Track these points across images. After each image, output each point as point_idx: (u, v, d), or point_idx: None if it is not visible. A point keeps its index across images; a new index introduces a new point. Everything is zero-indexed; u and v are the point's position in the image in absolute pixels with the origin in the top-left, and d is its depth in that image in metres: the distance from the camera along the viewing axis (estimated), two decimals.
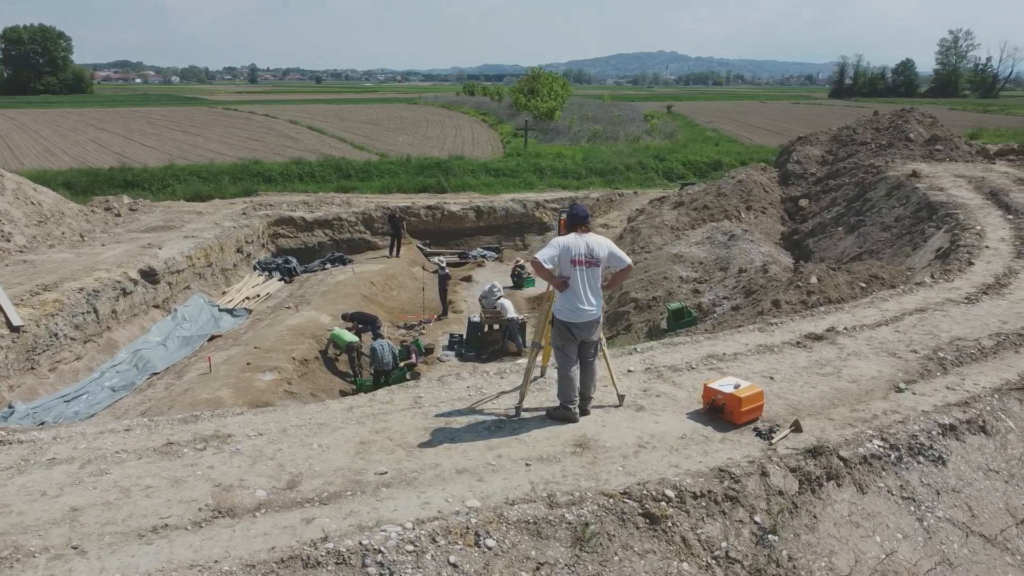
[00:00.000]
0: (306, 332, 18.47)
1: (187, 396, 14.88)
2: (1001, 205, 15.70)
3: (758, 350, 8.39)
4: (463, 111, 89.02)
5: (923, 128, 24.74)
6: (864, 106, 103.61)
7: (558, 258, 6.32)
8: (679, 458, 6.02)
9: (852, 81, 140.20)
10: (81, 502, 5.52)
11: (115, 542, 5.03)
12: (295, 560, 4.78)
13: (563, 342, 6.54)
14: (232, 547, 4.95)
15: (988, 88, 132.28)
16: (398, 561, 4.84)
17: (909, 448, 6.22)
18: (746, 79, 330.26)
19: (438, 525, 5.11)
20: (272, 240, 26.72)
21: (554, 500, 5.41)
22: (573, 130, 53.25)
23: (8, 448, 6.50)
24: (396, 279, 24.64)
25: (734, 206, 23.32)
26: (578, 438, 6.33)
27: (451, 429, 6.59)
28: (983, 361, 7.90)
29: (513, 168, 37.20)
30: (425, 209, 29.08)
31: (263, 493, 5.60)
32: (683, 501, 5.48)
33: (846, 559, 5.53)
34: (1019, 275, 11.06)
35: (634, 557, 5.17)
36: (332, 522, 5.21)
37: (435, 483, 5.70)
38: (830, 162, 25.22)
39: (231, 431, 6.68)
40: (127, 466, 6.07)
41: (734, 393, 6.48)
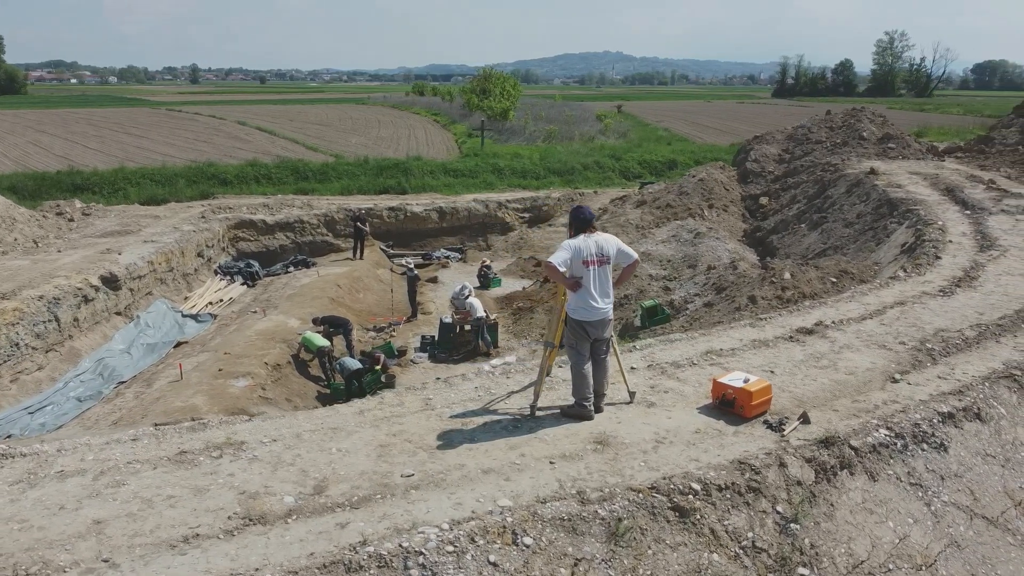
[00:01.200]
0: (276, 336, 18.22)
1: (160, 404, 14.56)
2: (958, 201, 16.32)
3: (753, 345, 8.59)
4: (414, 111, 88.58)
5: (875, 127, 25.54)
6: (806, 105, 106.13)
7: (570, 260, 6.40)
8: (697, 452, 6.15)
9: (794, 81, 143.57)
10: (103, 514, 5.40)
11: (146, 554, 4.94)
12: (337, 565, 4.76)
13: (577, 340, 6.62)
14: (269, 554, 4.90)
15: (922, 88, 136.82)
16: (439, 562, 4.85)
17: (913, 436, 6.46)
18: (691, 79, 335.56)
19: (475, 525, 5.14)
20: (232, 244, 26.24)
21: (585, 497, 5.48)
22: (528, 130, 53.46)
23: (12, 462, 6.31)
24: (362, 281, 24.44)
25: (696, 204, 23.74)
26: (597, 435, 6.42)
27: (468, 430, 6.61)
28: (968, 351, 8.23)
29: (472, 168, 37.21)
30: (388, 210, 28.92)
31: (291, 499, 5.55)
32: (709, 494, 5.60)
33: (863, 545, 5.72)
34: (986, 268, 11.53)
35: (667, 550, 5.28)
36: (367, 526, 5.20)
37: (463, 484, 5.73)
38: (787, 160, 25.85)
39: (243, 438, 6.59)
40: (143, 476, 5.95)
41: (744, 387, 6.64)
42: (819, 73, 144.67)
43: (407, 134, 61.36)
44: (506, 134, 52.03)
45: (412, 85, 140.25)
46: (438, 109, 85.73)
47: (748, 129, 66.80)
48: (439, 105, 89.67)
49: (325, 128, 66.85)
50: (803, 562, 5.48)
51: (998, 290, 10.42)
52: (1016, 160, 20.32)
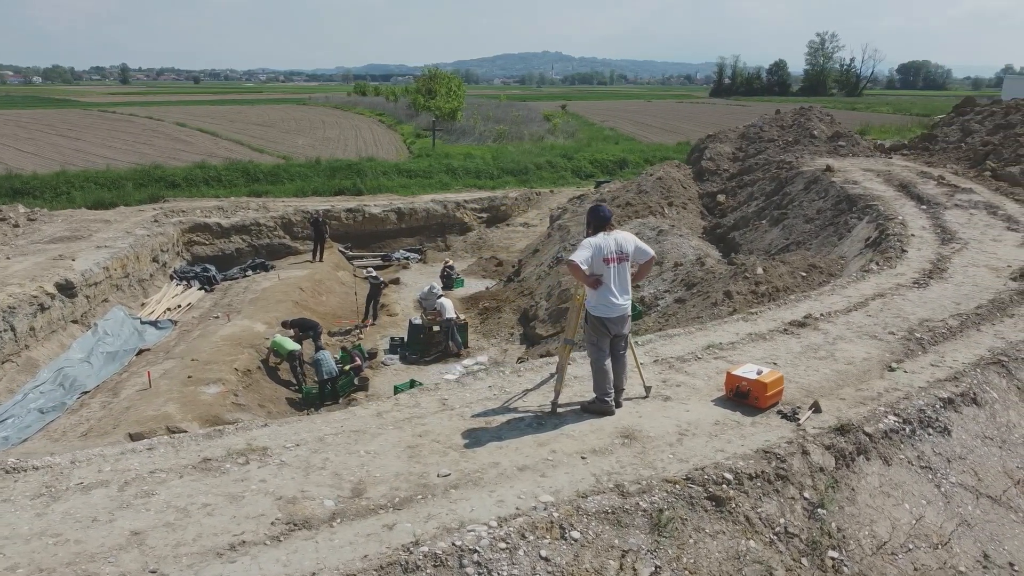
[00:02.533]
0: (243, 342, 17.89)
1: (131, 414, 14.19)
2: (913, 196, 16.98)
3: (751, 339, 8.84)
4: (358, 112, 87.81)
5: (824, 125, 26.36)
6: (743, 104, 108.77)
7: (591, 258, 6.50)
8: (721, 443, 6.32)
9: (731, 81, 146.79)
10: (140, 525, 5.28)
11: (195, 563, 4.86)
12: (393, 566, 4.76)
13: (597, 337, 6.74)
14: (322, 558, 4.88)
15: (852, 87, 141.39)
16: (494, 559, 4.90)
17: (919, 421, 6.76)
18: (629, 79, 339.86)
19: (523, 521, 5.19)
20: (187, 248, 25.67)
21: (624, 490, 5.59)
22: (478, 130, 53.47)
23: (25, 475, 6.10)
24: (324, 284, 24.16)
25: (656, 202, 24.11)
26: (622, 429, 6.54)
27: (493, 428, 6.66)
28: (954, 339, 8.62)
29: (426, 169, 37.08)
30: (346, 212, 28.64)
31: (331, 503, 5.52)
32: (741, 483, 5.77)
33: (884, 526, 5.97)
34: (952, 260, 12.05)
35: (707, 538, 5.42)
36: (414, 526, 5.20)
37: (501, 481, 5.78)
38: (741, 159, 26.47)
39: (264, 443, 6.51)
40: (171, 486, 5.83)
41: (759, 379, 6.84)
42: (755, 73, 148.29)
43: (354, 135, 60.80)
44: (455, 134, 51.97)
45: (353, 85, 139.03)
46: (383, 109, 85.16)
47: (691, 128, 68.15)
48: (383, 105, 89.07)
49: (269, 129, 65.75)
50: (832, 545, 5.69)
51: (968, 281, 10.91)
52: (960, 157, 21.24)
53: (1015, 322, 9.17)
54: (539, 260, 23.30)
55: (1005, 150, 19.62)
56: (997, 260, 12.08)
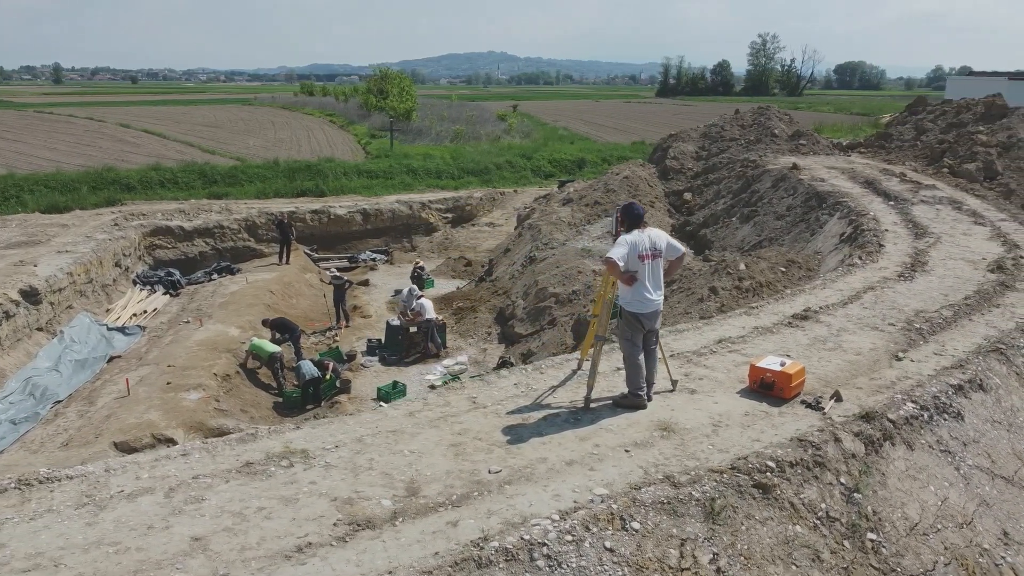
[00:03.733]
0: (219, 346, 17.58)
1: (113, 423, 13.84)
2: (879, 193, 17.57)
3: (758, 332, 9.09)
4: (307, 112, 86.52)
5: (784, 124, 27.05)
6: (689, 104, 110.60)
7: (627, 255, 6.63)
8: (755, 432, 6.52)
9: (676, 81, 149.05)
10: (199, 531, 5.22)
11: (264, 566, 4.83)
12: (467, 562, 4.82)
13: (632, 332, 6.87)
14: (393, 557, 4.90)
15: (794, 87, 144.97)
16: (562, 552, 4.99)
17: (935, 407, 7.06)
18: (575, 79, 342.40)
19: (584, 514, 5.30)
20: (149, 252, 25.05)
21: (675, 480, 5.73)
22: (435, 130, 53.31)
23: (61, 485, 5.96)
24: (293, 287, 23.84)
25: (624, 201, 24.44)
26: (657, 422, 6.68)
27: (532, 425, 6.74)
28: (950, 329, 9.01)
29: (387, 169, 36.83)
30: (311, 213, 28.30)
31: (388, 502, 5.53)
32: (783, 470, 5.97)
33: (915, 508, 6.24)
34: (929, 254, 12.54)
35: (757, 525, 5.60)
36: (477, 522, 5.26)
37: (552, 476, 5.87)
38: (704, 158, 26.99)
39: (302, 446, 6.47)
40: (219, 491, 5.77)
41: (783, 370, 7.07)
42: (699, 73, 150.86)
43: (306, 135, 59.97)
44: (411, 135, 51.72)
45: (299, 85, 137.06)
46: (333, 110, 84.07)
47: (642, 128, 69.10)
48: (333, 106, 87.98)
49: (217, 130, 64.41)
50: (870, 528, 5.93)
51: (949, 274, 11.38)
52: (918, 155, 22.05)
53: (1002, 311, 9.62)
54: (511, 260, 23.39)
55: (960, 148, 20.46)
56: (971, 253, 12.61)
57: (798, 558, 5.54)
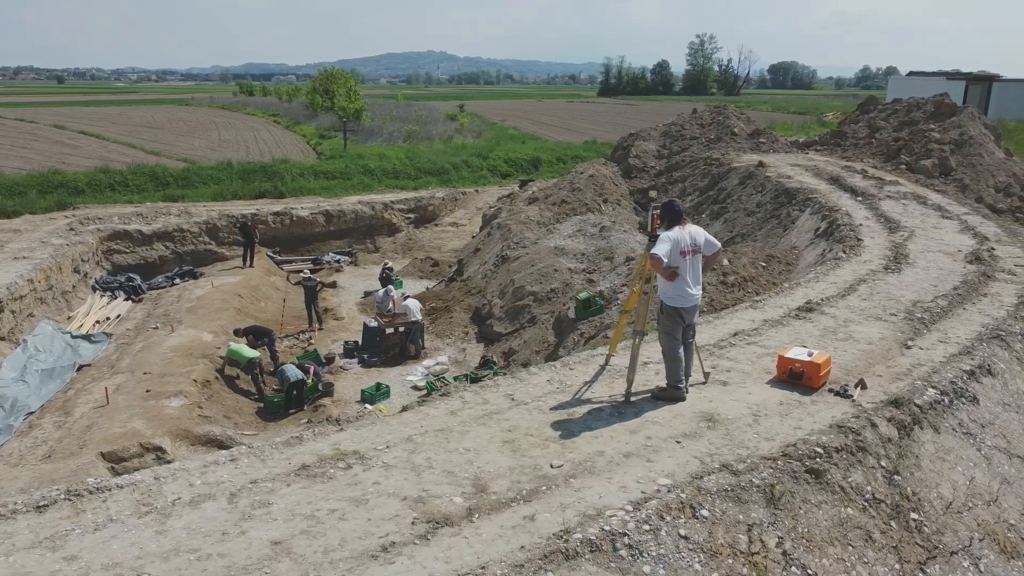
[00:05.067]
0: (194, 352, 17.19)
1: (95, 432, 13.45)
2: (846, 189, 18.19)
3: (768, 324, 9.37)
4: (249, 112, 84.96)
5: (743, 123, 27.73)
6: (632, 103, 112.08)
7: (671, 252, 6.79)
8: (794, 420, 6.75)
9: (617, 80, 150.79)
10: (275, 535, 5.18)
11: (353, 567, 4.83)
12: (555, 554, 4.90)
13: (673, 326, 7.03)
14: (480, 552, 4.96)
15: (731, 87, 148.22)
16: (642, 541, 5.12)
17: (954, 392, 7.42)
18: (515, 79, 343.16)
19: (656, 504, 5.43)
20: (107, 257, 24.28)
21: (733, 469, 5.91)
22: (387, 130, 52.88)
23: (111, 494, 5.82)
24: (260, 290, 23.45)
25: (591, 199, 24.73)
26: (700, 414, 6.87)
27: (578, 419, 6.85)
28: (948, 318, 9.44)
29: (343, 170, 36.38)
30: (273, 215, 27.82)
31: (460, 499, 5.57)
32: (830, 456, 6.20)
33: (947, 488, 6.55)
34: (908, 247, 13.07)
35: (813, 509, 5.82)
36: (553, 516, 5.35)
37: (612, 468, 5.98)
38: (666, 156, 27.48)
39: (353, 447, 6.45)
40: (283, 494, 5.72)
41: (812, 360, 7.33)
42: (640, 73, 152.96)
43: (252, 136, 58.87)
44: (363, 135, 51.22)
45: (238, 85, 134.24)
46: (276, 110, 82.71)
47: (589, 127, 69.77)
48: (276, 106, 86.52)
49: (158, 131, 62.71)
50: (912, 508, 6.21)
51: (932, 265, 11.90)
52: (875, 152, 22.88)
53: (991, 300, 10.12)
54: (482, 259, 23.43)
55: (916, 145, 21.32)
56: (946, 246, 13.19)
57: (853, 539, 5.77)
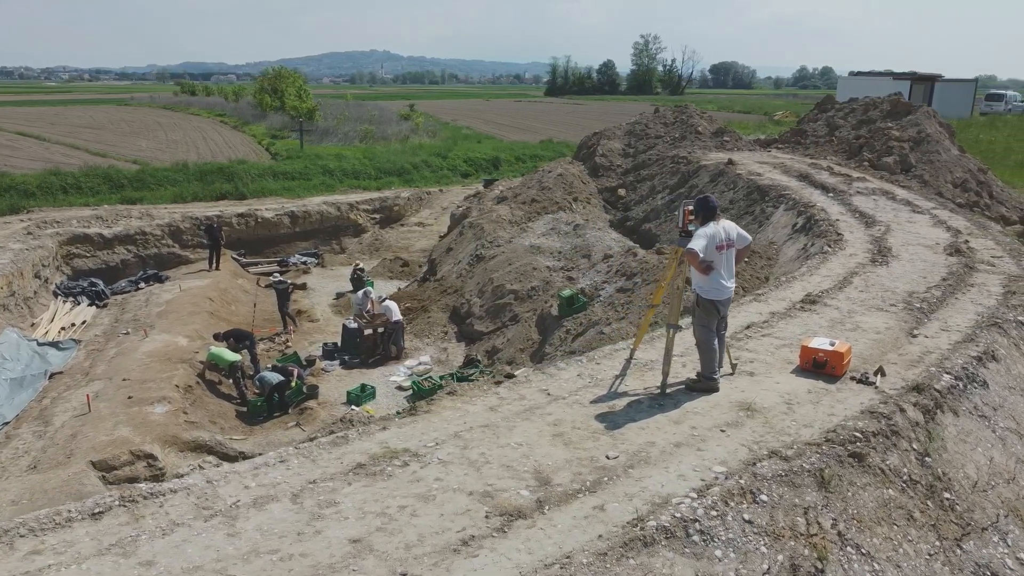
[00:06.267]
0: (172, 357, 16.85)
1: (82, 441, 13.11)
2: (816, 185, 18.73)
3: (776, 317, 9.64)
4: (193, 113, 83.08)
5: (706, 122, 28.29)
6: (579, 103, 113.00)
7: (707, 247, 6.97)
8: (826, 407, 7.00)
9: (564, 80, 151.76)
10: (352, 533, 5.19)
11: (439, 561, 4.88)
12: (634, 542, 5.03)
13: (708, 319, 7.22)
14: (561, 542, 5.05)
15: (676, 86, 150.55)
16: (711, 527, 5.28)
17: (966, 377, 7.77)
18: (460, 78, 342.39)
19: (718, 491, 5.59)
20: (67, 261, 23.57)
21: (782, 455, 6.11)
22: (342, 130, 52.32)
23: (167, 499, 5.74)
24: (229, 293, 23.04)
25: (562, 198, 24.94)
26: (738, 404, 7.07)
27: (620, 412, 6.98)
28: (945, 307, 9.85)
29: (302, 171, 35.91)
30: (237, 217, 27.33)
31: (527, 492, 5.65)
32: (868, 440, 6.45)
33: (972, 468, 6.88)
34: (888, 240, 13.55)
35: (859, 491, 6.05)
36: (622, 505, 5.47)
37: (666, 458, 6.13)
38: (632, 154, 27.86)
39: (402, 445, 6.47)
40: (347, 494, 5.72)
41: (835, 350, 7.60)
42: (586, 73, 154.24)
43: (200, 137, 57.63)
44: (317, 135, 50.56)
45: (179, 85, 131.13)
46: (222, 110, 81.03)
47: (541, 127, 70.15)
48: (222, 106, 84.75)
49: (100, 132, 60.91)
50: (944, 488, 6.51)
51: (916, 258, 12.37)
52: (837, 149, 23.61)
53: (979, 290, 10.59)
54: (456, 259, 23.43)
55: (876, 143, 22.07)
56: (924, 239, 13.73)
57: (896, 518, 6.03)
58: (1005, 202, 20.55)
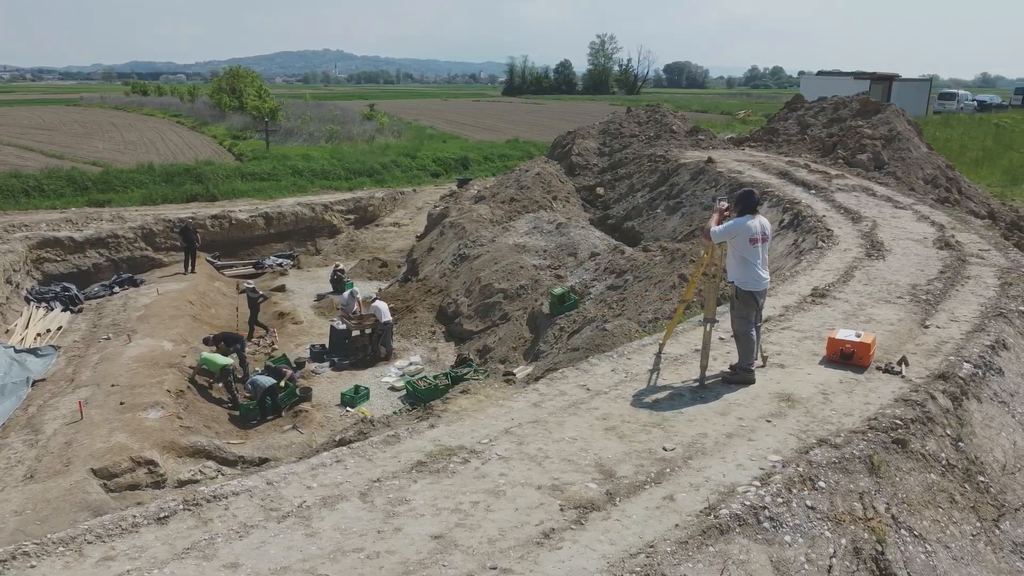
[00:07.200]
0: (159, 362, 16.56)
1: (78, 449, 12.85)
2: (797, 182, 19.15)
3: (790, 310, 9.87)
4: (147, 113, 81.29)
5: (680, 121, 28.68)
6: (538, 103, 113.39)
7: (732, 232, 7.17)
8: (860, 397, 7.22)
9: (521, 80, 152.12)
10: (432, 529, 5.22)
11: (524, 555, 4.94)
12: (711, 530, 5.15)
13: (747, 311, 7.40)
14: (640, 532, 5.16)
15: (631, 86, 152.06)
16: (779, 513, 5.43)
17: (984, 366, 8.07)
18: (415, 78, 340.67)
19: (780, 479, 5.75)
20: (37, 266, 22.95)
21: (831, 443, 6.30)
22: (307, 130, 51.73)
23: (230, 501, 5.69)
24: (208, 296, 22.68)
25: (541, 197, 25.07)
26: (777, 394, 7.25)
27: (665, 405, 7.12)
28: (948, 299, 10.19)
29: (271, 171, 35.48)
30: (211, 219, 26.88)
31: (595, 485, 5.74)
32: (907, 427, 6.68)
33: (999, 453, 7.17)
34: (877, 235, 13.93)
35: (905, 475, 6.28)
36: (690, 495, 5.60)
37: (721, 449, 6.28)
38: (608, 153, 28.13)
39: (457, 443, 6.51)
40: (414, 491, 5.74)
41: (861, 341, 7.84)
42: (543, 73, 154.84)
43: (159, 138, 56.45)
44: (282, 135, 49.91)
45: (130, 85, 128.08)
46: (178, 110, 79.41)
47: (504, 126, 70.29)
48: (178, 106, 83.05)
49: (53, 133, 59.26)
50: (978, 471, 6.78)
51: (909, 252, 12.76)
52: (810, 148, 24.16)
53: (975, 282, 10.97)
54: (438, 259, 23.39)
55: (849, 140, 22.65)
56: (911, 234, 14.15)
57: (940, 501, 6.27)
58: (973, 197, 21.28)
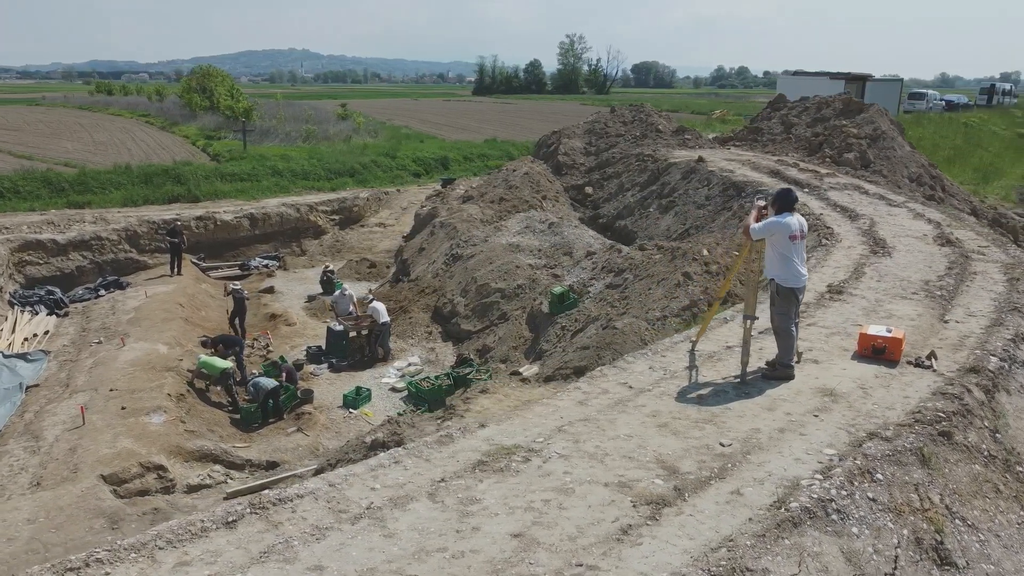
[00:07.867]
0: (156, 366, 16.33)
1: (84, 455, 12.67)
2: (789, 181, 19.42)
3: (812, 307, 10.01)
4: (114, 113, 79.82)
5: (665, 120, 28.92)
6: (509, 102, 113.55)
7: (771, 230, 7.29)
8: (898, 391, 7.38)
9: (491, 79, 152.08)
10: (509, 528, 5.24)
11: (606, 551, 4.98)
12: (785, 523, 5.24)
13: (788, 307, 7.53)
14: (715, 527, 5.22)
15: (601, 86, 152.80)
16: (845, 506, 5.54)
17: (1009, 359, 8.29)
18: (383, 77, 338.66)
19: (840, 472, 5.86)
20: (19, 269, 22.46)
21: (882, 436, 6.43)
22: (283, 130, 51.20)
23: (296, 503, 5.66)
24: (197, 298, 22.39)
25: (531, 196, 25.12)
26: (819, 390, 7.38)
27: (711, 401, 7.21)
28: (961, 294, 10.44)
29: (251, 172, 35.07)
30: (195, 220, 26.52)
31: (659, 481, 5.80)
32: (950, 419, 6.84)
33: None
34: (878, 233, 14.21)
35: (953, 466, 6.43)
36: (756, 489, 5.69)
37: (775, 443, 6.38)
38: (594, 153, 28.27)
39: (514, 442, 6.54)
40: (482, 490, 5.75)
41: (893, 336, 8.01)
42: (513, 73, 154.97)
43: (129, 138, 55.48)
44: (257, 135, 49.33)
45: (93, 84, 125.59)
46: (146, 110, 78.06)
47: (479, 126, 70.31)
48: (146, 105, 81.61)
49: (18, 133, 57.91)
50: (1017, 462, 6.96)
51: (913, 249, 13.03)
52: (796, 147, 24.52)
53: (983, 277, 11.25)
54: (430, 259, 23.33)
55: (835, 140, 23.03)
56: (909, 231, 14.45)
57: (986, 491, 6.43)
58: (955, 195, 21.78)
